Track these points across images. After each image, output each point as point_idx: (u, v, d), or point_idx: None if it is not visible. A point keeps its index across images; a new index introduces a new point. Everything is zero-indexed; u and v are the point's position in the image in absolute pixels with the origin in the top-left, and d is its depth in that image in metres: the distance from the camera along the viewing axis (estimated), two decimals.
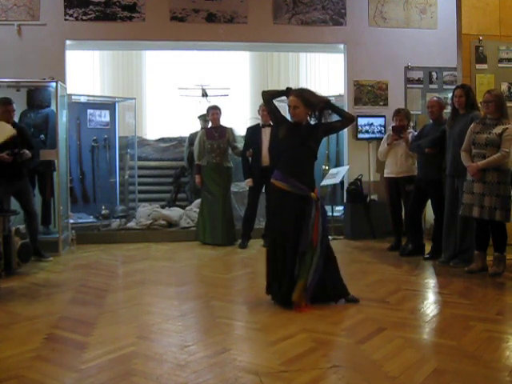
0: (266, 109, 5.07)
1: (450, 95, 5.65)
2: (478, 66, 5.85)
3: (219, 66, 10.46)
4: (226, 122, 6.92)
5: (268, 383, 2.53)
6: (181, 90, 9.85)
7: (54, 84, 6.20)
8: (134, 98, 8.32)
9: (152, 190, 8.69)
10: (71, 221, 6.70)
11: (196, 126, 8.09)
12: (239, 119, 9.43)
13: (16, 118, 5.78)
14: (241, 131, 7.18)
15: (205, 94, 9.72)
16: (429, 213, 6.21)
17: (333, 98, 7.11)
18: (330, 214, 6.86)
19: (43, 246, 5.76)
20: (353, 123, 4.46)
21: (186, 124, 9.51)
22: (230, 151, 6.72)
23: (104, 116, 7.77)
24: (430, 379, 2.56)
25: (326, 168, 7.76)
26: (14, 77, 6.37)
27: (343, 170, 7.19)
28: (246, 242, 6.42)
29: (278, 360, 2.79)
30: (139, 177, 8.12)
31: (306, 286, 3.73)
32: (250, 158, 6.37)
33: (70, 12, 6.88)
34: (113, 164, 7.81)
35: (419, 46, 7.44)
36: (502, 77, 5.88)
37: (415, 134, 5.86)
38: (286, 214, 3.79)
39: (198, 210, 6.93)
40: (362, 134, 7.33)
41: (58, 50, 6.83)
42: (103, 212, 7.43)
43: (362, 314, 3.64)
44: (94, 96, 8.27)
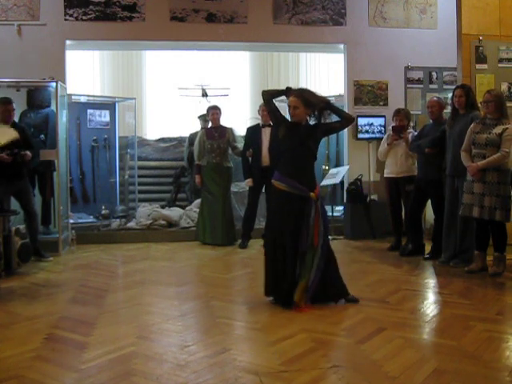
0: (265, 109, 5.07)
1: (450, 95, 5.65)
2: (478, 66, 5.85)
3: (219, 65, 10.46)
4: (226, 122, 6.92)
5: (268, 383, 2.53)
6: (181, 90, 9.85)
7: (54, 84, 6.20)
8: (134, 98, 8.32)
9: (152, 190, 8.69)
10: (71, 221, 6.70)
11: (196, 126, 8.09)
12: (239, 119, 9.43)
13: (16, 117, 5.78)
14: (241, 131, 7.18)
15: (205, 94, 9.72)
16: (429, 213, 6.21)
17: (333, 98, 7.13)
18: (330, 214, 6.86)
19: (43, 246, 5.76)
20: (352, 124, 4.47)
21: (186, 124, 9.51)
22: (230, 151, 6.72)
23: (104, 116, 7.77)
24: (430, 379, 2.56)
25: (326, 168, 7.76)
26: (14, 77, 6.37)
27: (343, 170, 7.19)
28: (246, 242, 6.42)
29: (278, 360, 2.80)
30: (139, 177, 8.12)
31: (307, 286, 3.73)
32: (249, 158, 6.38)
33: (70, 12, 6.88)
34: (113, 164, 7.81)
35: (419, 46, 7.44)
36: (502, 77, 5.89)
37: (415, 134, 5.86)
38: (285, 215, 3.79)
39: (197, 210, 6.93)
40: (362, 133, 7.34)
41: (58, 50, 6.83)
42: (103, 212, 7.43)
43: (361, 314, 3.64)
44: (94, 96, 8.27)
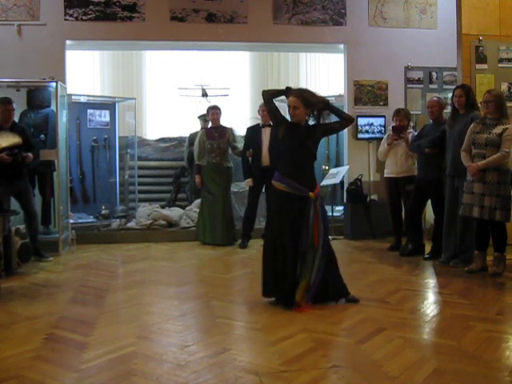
0: (265, 109, 5.07)
1: (450, 95, 5.64)
2: (478, 66, 5.85)
3: (219, 65, 10.46)
4: (226, 122, 6.92)
5: (268, 383, 2.53)
6: (181, 90, 9.85)
7: (54, 84, 6.20)
8: (134, 98, 8.32)
9: (152, 190, 8.69)
10: (71, 221, 6.70)
11: (196, 126, 8.09)
12: (239, 119, 9.43)
13: (16, 117, 5.79)
14: (241, 131, 7.18)
15: (205, 94, 9.72)
16: (429, 213, 6.21)
17: (333, 98, 7.13)
18: (330, 214, 6.86)
19: (43, 246, 5.76)
20: (352, 124, 4.47)
21: (186, 124, 9.51)
22: (230, 151, 6.72)
23: (104, 116, 7.77)
24: (430, 379, 2.56)
25: (326, 168, 7.76)
26: (14, 77, 6.38)
27: (343, 170, 7.19)
28: (246, 242, 6.42)
29: (278, 360, 2.80)
30: (139, 177, 8.12)
31: (308, 286, 3.73)
32: (249, 158, 6.38)
33: (70, 12, 6.88)
34: (113, 164, 7.81)
35: (419, 46, 7.43)
36: (502, 77, 5.88)
37: (415, 134, 5.86)
38: (285, 215, 3.79)
39: (197, 210, 6.93)
40: (362, 133, 7.33)
41: (58, 50, 6.83)
42: (103, 212, 7.43)
43: (361, 314, 3.64)
44: (94, 96, 8.27)
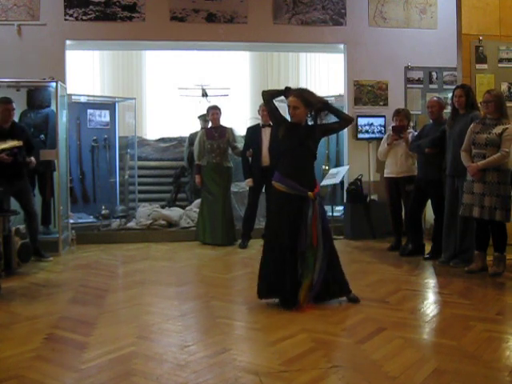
0: (265, 109, 5.07)
1: (450, 95, 5.64)
2: (478, 66, 5.85)
3: (219, 65, 10.46)
4: (226, 122, 6.92)
5: (268, 383, 2.53)
6: (181, 90, 9.85)
7: (54, 84, 6.20)
8: (134, 98, 8.32)
9: (152, 190, 8.69)
10: (71, 221, 6.70)
11: (196, 126, 8.09)
12: (239, 119, 9.43)
13: (16, 117, 5.79)
14: (241, 131, 7.18)
15: (205, 94, 9.72)
16: (429, 213, 6.21)
17: (333, 98, 7.14)
18: (330, 214, 6.86)
19: (43, 246, 5.76)
20: (351, 124, 4.47)
21: (186, 124, 9.51)
22: (230, 151, 6.72)
23: (104, 116, 7.77)
24: (430, 379, 2.56)
25: (326, 168, 7.76)
26: (14, 77, 6.37)
27: (343, 170, 7.19)
28: (246, 242, 6.42)
29: (278, 360, 2.80)
30: (139, 177, 8.12)
31: (311, 285, 3.73)
32: (250, 158, 6.38)
33: (70, 12, 6.88)
34: (113, 164, 7.81)
35: (419, 46, 7.43)
36: (502, 77, 5.88)
37: (415, 134, 5.86)
38: (285, 215, 3.79)
39: (197, 210, 6.93)
40: (362, 133, 7.33)
41: (58, 50, 6.83)
42: (103, 212, 7.43)
43: (362, 314, 3.64)
44: (94, 96, 8.27)
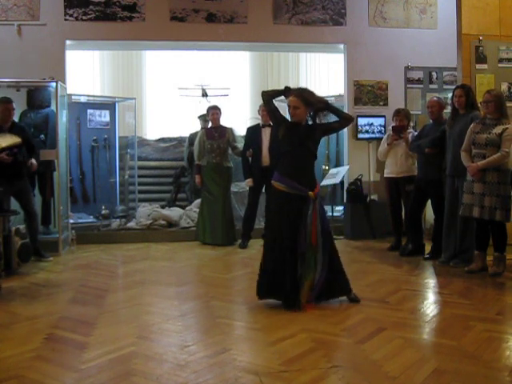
0: (265, 109, 5.07)
1: (450, 95, 5.64)
2: (478, 66, 5.85)
3: (219, 65, 10.46)
4: (226, 122, 6.92)
5: (268, 383, 2.53)
6: (181, 90, 9.85)
7: (54, 84, 6.20)
8: (134, 98, 8.32)
9: (152, 190, 8.69)
10: (71, 221, 6.70)
11: (196, 126, 8.09)
12: (239, 119, 9.43)
13: (16, 117, 5.79)
14: (241, 131, 7.18)
15: (205, 94, 9.72)
16: (429, 213, 6.21)
17: (333, 98, 7.14)
18: (330, 214, 6.86)
19: (43, 246, 5.76)
20: (352, 124, 4.47)
21: (186, 124, 9.51)
22: (230, 151, 6.72)
23: (104, 116, 7.77)
24: (430, 379, 2.56)
25: (326, 168, 7.76)
26: (14, 77, 6.37)
27: (343, 170, 7.19)
28: (246, 242, 6.42)
29: (278, 360, 2.79)
30: (139, 177, 8.12)
31: (312, 285, 3.73)
32: (250, 158, 6.38)
33: (70, 12, 6.88)
34: (113, 164, 7.81)
35: (419, 46, 7.43)
36: (502, 77, 5.88)
37: (415, 134, 5.86)
38: (285, 215, 3.79)
39: (197, 210, 6.93)
40: (362, 133, 7.33)
41: (58, 50, 6.83)
42: (103, 212, 7.43)
43: (362, 314, 3.64)
44: (94, 96, 8.27)
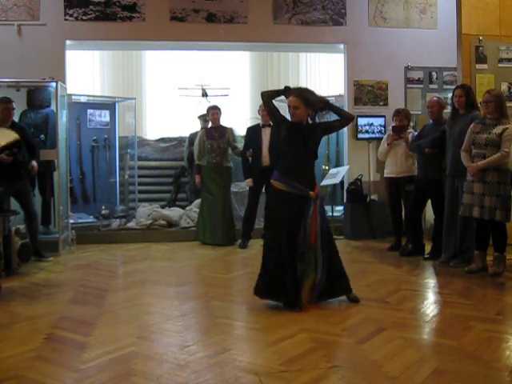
0: (265, 109, 5.06)
1: (450, 95, 5.64)
2: (478, 66, 5.85)
3: (219, 65, 10.46)
4: (226, 122, 6.92)
5: (268, 383, 2.53)
6: (181, 90, 9.85)
7: (54, 84, 6.20)
8: (134, 98, 8.33)
9: (152, 190, 8.69)
10: (71, 221, 6.70)
11: (196, 126, 8.09)
12: (239, 119, 9.43)
13: (16, 117, 5.79)
14: (241, 131, 7.18)
15: (205, 94, 9.72)
16: (429, 213, 6.21)
17: (333, 98, 7.12)
18: (330, 214, 6.86)
19: (43, 246, 5.76)
20: (352, 123, 4.47)
21: (186, 124, 9.51)
22: (230, 151, 6.72)
23: (104, 116, 7.77)
24: (430, 379, 2.56)
25: (326, 168, 7.76)
26: (14, 77, 6.37)
27: (343, 170, 7.19)
28: (246, 242, 6.42)
29: (278, 360, 2.79)
30: (139, 177, 8.12)
31: (313, 285, 3.73)
32: (250, 158, 6.38)
33: (70, 12, 6.88)
34: (113, 164, 7.81)
35: (419, 46, 7.44)
36: (502, 77, 5.88)
37: (415, 134, 5.86)
38: (285, 214, 3.78)
39: (198, 210, 6.93)
40: (362, 134, 7.33)
41: (58, 50, 6.83)
42: (103, 212, 7.43)
43: (362, 314, 3.64)
44: (94, 96, 8.27)
